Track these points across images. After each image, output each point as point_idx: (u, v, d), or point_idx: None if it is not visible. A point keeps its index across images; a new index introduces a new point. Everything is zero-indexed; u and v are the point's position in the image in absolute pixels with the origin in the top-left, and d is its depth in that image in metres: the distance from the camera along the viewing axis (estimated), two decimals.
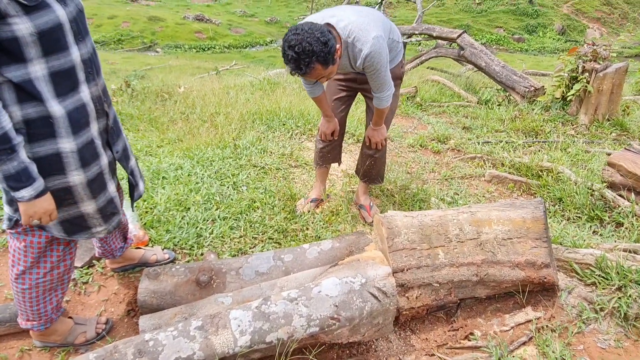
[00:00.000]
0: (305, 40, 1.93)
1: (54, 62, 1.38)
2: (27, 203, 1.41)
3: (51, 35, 1.34)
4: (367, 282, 1.84)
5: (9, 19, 1.24)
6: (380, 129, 2.71)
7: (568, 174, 3.52)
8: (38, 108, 1.38)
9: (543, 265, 2.15)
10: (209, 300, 1.93)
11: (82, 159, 1.53)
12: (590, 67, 4.86)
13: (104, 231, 1.76)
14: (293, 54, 1.95)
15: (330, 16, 2.26)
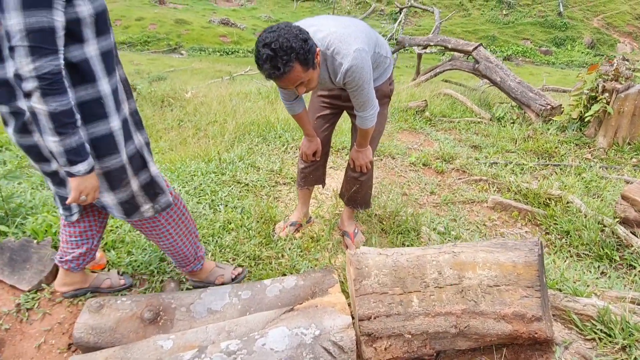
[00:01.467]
0: (282, 36, 1.72)
1: (103, 43, 1.47)
2: (81, 178, 1.48)
3: (102, 17, 1.44)
4: (322, 334, 1.61)
5: (74, 1, 1.34)
6: (365, 150, 2.47)
7: (578, 205, 3.22)
8: (90, 90, 1.47)
9: (534, 319, 1.87)
10: (147, 342, 1.72)
11: (125, 136, 1.62)
12: (611, 86, 4.53)
13: (151, 209, 1.81)
14: (269, 52, 1.72)
15: (309, 25, 2.05)
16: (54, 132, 1.36)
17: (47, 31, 1.27)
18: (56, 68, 1.31)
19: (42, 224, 2.42)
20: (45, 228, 2.40)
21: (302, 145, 2.59)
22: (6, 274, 2.21)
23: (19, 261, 2.24)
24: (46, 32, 1.27)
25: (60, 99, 1.33)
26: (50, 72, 1.29)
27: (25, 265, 2.23)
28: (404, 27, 12.21)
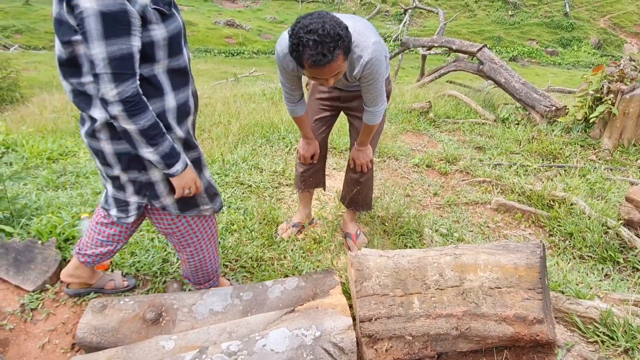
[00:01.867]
0: (328, 23, 1.65)
1: (174, 63, 1.53)
2: (179, 176, 1.61)
3: (175, 39, 1.50)
4: (322, 335, 1.61)
5: (150, 25, 1.40)
6: (366, 149, 2.47)
7: (582, 206, 3.21)
8: (156, 104, 1.53)
9: (535, 321, 1.87)
10: (149, 343, 1.74)
11: (187, 144, 1.70)
12: (616, 88, 4.51)
13: (210, 209, 1.88)
14: (316, 38, 1.63)
15: None
16: (147, 144, 1.48)
17: (127, 57, 1.35)
18: (135, 90, 1.40)
19: (47, 224, 2.44)
20: (50, 229, 2.42)
21: (300, 148, 2.58)
22: (11, 275, 2.23)
23: (23, 262, 2.26)
24: (126, 58, 1.35)
25: (145, 115, 1.43)
26: (132, 94, 1.39)
27: (30, 266, 2.25)
28: (408, 28, 12.20)
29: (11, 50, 22.43)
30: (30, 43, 24.32)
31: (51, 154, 3.89)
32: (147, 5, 1.37)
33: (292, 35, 1.69)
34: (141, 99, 1.42)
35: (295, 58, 1.74)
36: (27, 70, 17.77)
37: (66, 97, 6.48)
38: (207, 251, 2.01)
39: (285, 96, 2.32)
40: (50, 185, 3.14)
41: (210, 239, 2.00)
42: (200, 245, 1.97)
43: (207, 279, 2.11)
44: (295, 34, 1.68)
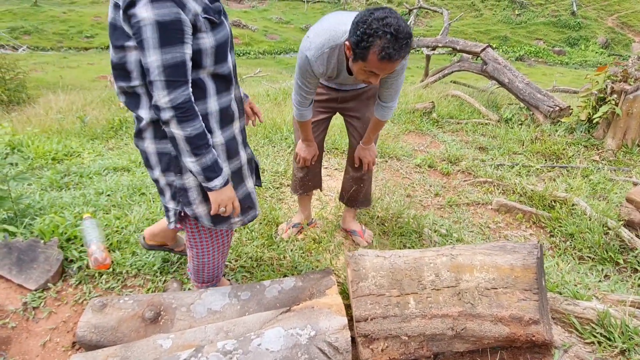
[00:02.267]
0: (401, 20, 1.68)
1: (219, 69, 1.57)
2: (217, 192, 1.62)
3: (222, 48, 1.53)
4: (317, 335, 1.63)
5: (199, 34, 1.44)
6: (371, 147, 2.49)
7: (583, 207, 3.20)
8: (200, 107, 1.55)
9: (531, 322, 1.87)
10: (147, 341, 1.76)
11: (228, 152, 1.70)
12: (620, 88, 4.48)
13: (240, 222, 1.87)
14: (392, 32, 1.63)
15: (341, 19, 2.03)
16: (191, 153, 1.50)
17: (180, 65, 1.39)
18: (187, 96, 1.43)
19: (50, 224, 2.47)
20: (52, 229, 2.46)
21: (298, 150, 2.55)
22: (14, 273, 2.26)
23: (26, 261, 2.29)
24: (179, 66, 1.39)
25: (194, 123, 1.46)
26: (184, 101, 1.42)
27: (33, 265, 2.28)
28: (414, 27, 12.17)
29: (20, 51, 22.63)
30: (39, 44, 24.52)
31: (56, 154, 3.94)
32: (199, 15, 1.41)
33: (364, 26, 1.67)
34: (192, 106, 1.46)
35: (362, 48, 1.70)
36: (34, 71, 17.93)
37: (71, 97, 6.56)
38: (212, 258, 2.01)
39: (299, 100, 2.25)
40: (54, 186, 3.18)
41: (219, 248, 1.99)
42: (207, 251, 1.97)
43: (206, 281, 2.12)
44: (369, 25, 1.66)
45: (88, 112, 5.45)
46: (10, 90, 7.44)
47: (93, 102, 6.11)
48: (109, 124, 4.92)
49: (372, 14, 1.68)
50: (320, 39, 1.97)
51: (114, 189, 3.07)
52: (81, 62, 21.62)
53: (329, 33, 1.96)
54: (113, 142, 4.52)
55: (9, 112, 6.41)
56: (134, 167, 3.62)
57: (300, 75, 2.11)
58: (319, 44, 1.97)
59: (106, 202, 2.90)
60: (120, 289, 2.28)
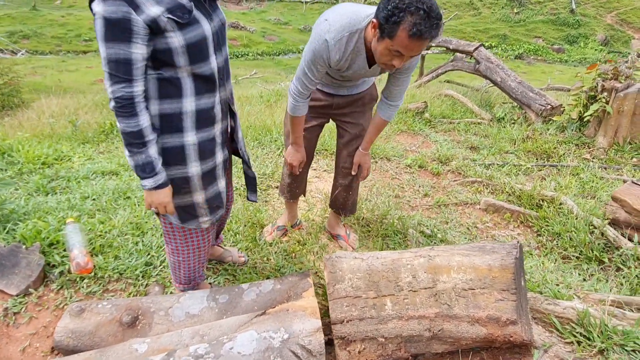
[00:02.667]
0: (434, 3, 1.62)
1: (197, 70, 1.58)
2: (148, 192, 1.66)
3: (196, 47, 1.54)
4: (290, 338, 1.63)
5: (167, 33, 1.46)
6: (367, 153, 2.44)
7: (570, 206, 3.19)
8: (174, 105, 1.59)
9: (508, 322, 1.87)
10: (123, 346, 1.76)
11: (200, 152, 1.71)
12: (610, 86, 4.47)
13: (209, 222, 1.91)
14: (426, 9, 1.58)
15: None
16: (125, 147, 1.56)
17: (122, 62, 1.43)
18: (127, 94, 1.47)
19: (32, 229, 2.48)
20: (35, 234, 2.46)
21: (287, 155, 2.45)
22: None
23: (8, 266, 2.29)
24: (120, 62, 1.43)
25: (128, 121, 1.50)
26: (122, 97, 1.47)
27: (14, 270, 2.28)
28: None
29: (18, 55, 22.68)
30: (37, 48, 24.57)
31: (46, 158, 3.94)
32: (161, 15, 1.43)
33: (396, 0, 1.60)
34: (131, 104, 1.49)
35: (392, 23, 1.62)
36: (33, 75, 17.97)
37: (64, 102, 6.58)
38: (186, 257, 2.02)
39: (299, 90, 2.10)
40: (41, 191, 3.18)
41: (193, 248, 2.00)
42: (181, 249, 1.99)
43: (183, 282, 2.13)
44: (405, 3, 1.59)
45: (80, 115, 5.46)
46: (4, 95, 7.45)
47: (86, 106, 6.11)
48: (100, 127, 4.93)
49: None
50: (340, 23, 1.87)
51: (100, 193, 3.07)
52: (80, 66, 21.66)
53: (349, 17, 1.87)
54: (104, 146, 4.52)
55: (2, 117, 6.43)
56: (122, 171, 3.63)
57: (311, 61, 1.97)
58: (339, 27, 1.87)
59: (91, 207, 2.90)
60: (101, 293, 2.28)
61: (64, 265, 2.36)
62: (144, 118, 1.54)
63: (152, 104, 1.59)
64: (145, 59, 1.49)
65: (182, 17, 1.48)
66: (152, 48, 1.49)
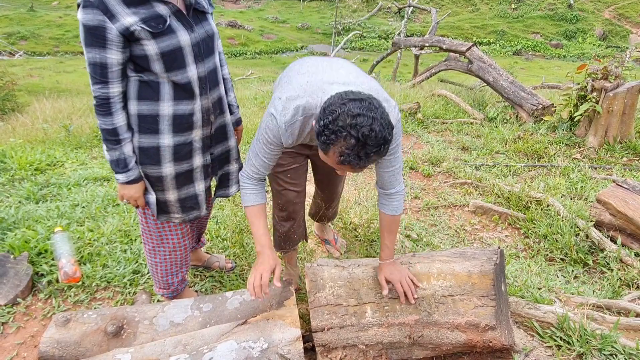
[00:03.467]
0: (377, 122, 1.36)
1: (173, 77, 1.63)
2: (120, 185, 1.76)
3: (170, 56, 1.59)
4: (270, 347, 1.65)
5: (142, 41, 1.53)
6: (395, 261, 1.94)
7: (557, 208, 3.22)
8: (150, 107, 1.66)
9: (487, 328, 1.89)
10: (106, 356, 1.78)
11: (175, 154, 1.78)
12: (600, 85, 4.49)
13: (180, 219, 1.96)
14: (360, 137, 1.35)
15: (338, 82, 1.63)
16: (103, 141, 1.68)
17: (97, 65, 1.53)
18: (103, 95, 1.59)
19: (21, 239, 2.50)
20: (23, 243, 2.48)
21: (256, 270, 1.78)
22: None
23: None
24: (97, 65, 1.54)
25: (103, 119, 1.62)
26: (99, 97, 1.59)
27: (2, 280, 2.31)
28: (406, 26, 12.17)
29: (16, 56, 22.70)
30: (35, 49, 24.60)
31: (39, 164, 3.96)
32: (134, 25, 1.49)
33: (330, 117, 1.37)
34: (107, 104, 1.60)
35: (321, 142, 1.41)
36: (31, 77, 17.99)
37: (58, 105, 6.59)
38: (162, 259, 2.08)
39: (253, 175, 1.81)
40: (31, 198, 3.20)
41: (168, 250, 2.06)
42: (157, 250, 2.06)
43: (162, 287, 2.18)
44: (335, 118, 1.36)
45: (74, 120, 5.48)
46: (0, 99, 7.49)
47: (80, 110, 6.14)
48: (93, 132, 4.95)
49: (345, 104, 1.38)
50: (294, 105, 1.61)
51: (90, 201, 3.10)
52: (77, 67, 21.67)
53: (305, 99, 1.60)
54: (97, 151, 4.55)
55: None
56: (113, 176, 3.65)
57: (264, 141, 1.71)
58: (293, 111, 1.61)
59: (81, 214, 2.92)
60: (89, 301, 2.31)
61: (52, 275, 2.39)
62: (119, 118, 1.64)
63: (131, 104, 1.67)
64: (122, 63, 1.57)
65: (155, 27, 1.54)
66: (130, 54, 1.58)
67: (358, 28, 29.48)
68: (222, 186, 2.12)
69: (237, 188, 2.11)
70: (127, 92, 1.66)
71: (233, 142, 2.06)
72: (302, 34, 31.11)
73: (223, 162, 2.04)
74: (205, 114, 1.81)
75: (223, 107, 1.93)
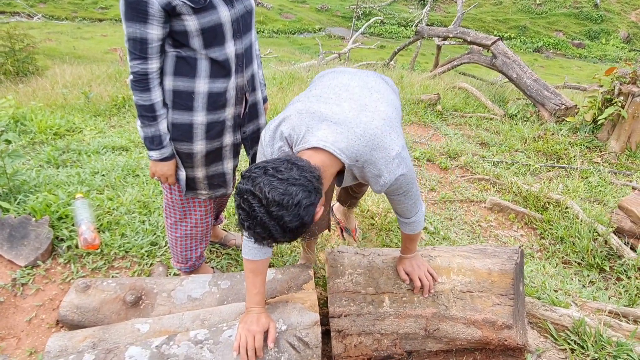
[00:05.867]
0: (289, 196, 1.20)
1: (212, 54, 1.62)
2: (153, 162, 1.77)
3: (211, 32, 1.59)
4: (288, 329, 1.66)
5: (183, 16, 1.53)
6: (416, 256, 1.91)
7: (576, 211, 3.19)
8: (186, 83, 1.66)
9: (504, 326, 1.89)
10: (125, 325, 1.81)
11: (207, 132, 1.77)
12: (628, 90, 4.41)
13: (207, 196, 1.98)
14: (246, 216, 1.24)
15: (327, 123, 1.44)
16: (138, 117, 1.68)
17: (138, 40, 1.53)
18: (142, 70, 1.58)
19: (42, 202, 2.52)
20: (44, 207, 2.50)
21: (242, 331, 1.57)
22: (5, 249, 2.32)
23: (17, 237, 2.35)
24: (137, 41, 1.53)
25: (140, 95, 1.62)
26: (137, 72, 1.58)
27: (23, 242, 2.34)
28: (428, 14, 12.00)
29: (35, 19, 22.67)
30: (54, 13, 24.54)
31: (58, 129, 3.98)
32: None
33: (242, 178, 1.25)
34: (145, 80, 1.59)
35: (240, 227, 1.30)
36: (48, 41, 17.98)
37: (77, 71, 6.59)
38: (182, 234, 2.10)
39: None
40: (52, 163, 3.22)
41: (190, 226, 2.07)
42: (178, 225, 2.08)
43: (180, 260, 2.21)
44: (243, 179, 1.24)
45: (93, 87, 5.47)
46: (19, 62, 7.48)
47: (99, 78, 6.13)
48: (112, 100, 4.95)
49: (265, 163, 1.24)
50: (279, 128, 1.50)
51: (110, 169, 3.11)
52: (95, 34, 21.64)
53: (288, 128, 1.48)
54: (115, 120, 4.55)
55: (16, 84, 6.47)
56: (133, 147, 3.66)
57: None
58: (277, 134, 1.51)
59: (100, 182, 2.94)
60: (106, 269, 2.33)
61: (72, 240, 2.41)
62: (156, 94, 1.63)
63: (167, 79, 1.66)
64: (161, 39, 1.56)
65: (197, 2, 1.52)
66: (170, 29, 1.57)
67: (378, 13, 29.08)
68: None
69: None
70: (163, 68, 1.65)
71: (263, 121, 2.05)
72: (321, 15, 30.76)
73: (254, 141, 2.03)
74: (239, 92, 1.80)
75: (255, 85, 1.92)
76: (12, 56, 7.45)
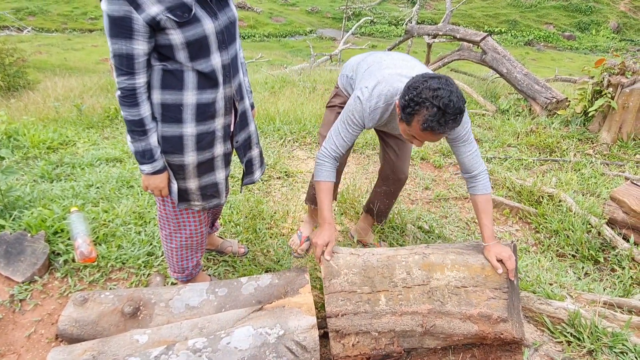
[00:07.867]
0: (454, 93, 1.65)
1: (198, 67, 1.64)
2: (145, 176, 1.77)
3: (196, 45, 1.60)
4: (286, 334, 1.68)
5: (167, 30, 1.53)
6: (500, 242, 2.03)
7: (569, 203, 3.21)
8: (174, 96, 1.66)
9: (499, 320, 1.91)
10: (124, 336, 1.82)
11: (198, 143, 1.78)
12: (617, 81, 4.44)
13: (200, 206, 1.98)
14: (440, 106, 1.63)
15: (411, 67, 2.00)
16: (127, 133, 1.68)
17: (124, 57, 1.53)
18: (129, 86, 1.58)
19: (37, 217, 2.53)
20: (39, 222, 2.51)
21: (316, 238, 1.99)
22: (2, 266, 2.32)
23: (14, 253, 2.35)
24: (123, 57, 1.53)
25: (129, 110, 1.62)
26: (124, 88, 1.58)
27: (20, 258, 2.35)
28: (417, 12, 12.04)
29: (24, 32, 22.63)
30: (43, 25, 24.51)
31: (51, 143, 3.98)
32: (160, 14, 1.49)
33: (414, 92, 1.66)
34: (133, 95, 1.60)
35: (407, 114, 1.71)
36: (39, 53, 17.96)
37: (69, 84, 6.59)
38: (177, 244, 2.09)
39: (331, 153, 2.05)
40: (46, 177, 3.23)
41: (185, 236, 2.07)
42: (173, 235, 2.07)
43: (177, 271, 2.21)
44: (419, 93, 1.65)
45: (85, 99, 5.48)
46: (10, 76, 7.47)
47: (91, 89, 6.14)
48: (105, 112, 4.96)
49: (426, 81, 1.67)
50: (378, 92, 1.93)
51: (104, 181, 3.12)
52: (85, 44, 21.61)
53: (387, 89, 1.93)
54: (108, 131, 4.56)
55: (7, 99, 6.46)
56: (126, 158, 3.67)
57: (346, 122, 2.01)
58: (377, 97, 1.93)
59: (95, 195, 2.95)
60: (104, 282, 2.34)
61: (68, 254, 2.42)
62: (145, 108, 1.64)
63: (155, 93, 1.66)
64: (147, 53, 1.57)
65: (181, 16, 1.53)
66: (155, 43, 1.57)
67: (369, 13, 29.15)
68: (248, 173, 2.13)
69: (260, 173, 2.20)
70: (150, 81, 1.65)
71: (253, 127, 2.07)
72: (311, 17, 30.83)
73: (246, 149, 2.05)
74: (228, 102, 1.81)
75: (242, 93, 1.94)
76: (2, 71, 7.44)
